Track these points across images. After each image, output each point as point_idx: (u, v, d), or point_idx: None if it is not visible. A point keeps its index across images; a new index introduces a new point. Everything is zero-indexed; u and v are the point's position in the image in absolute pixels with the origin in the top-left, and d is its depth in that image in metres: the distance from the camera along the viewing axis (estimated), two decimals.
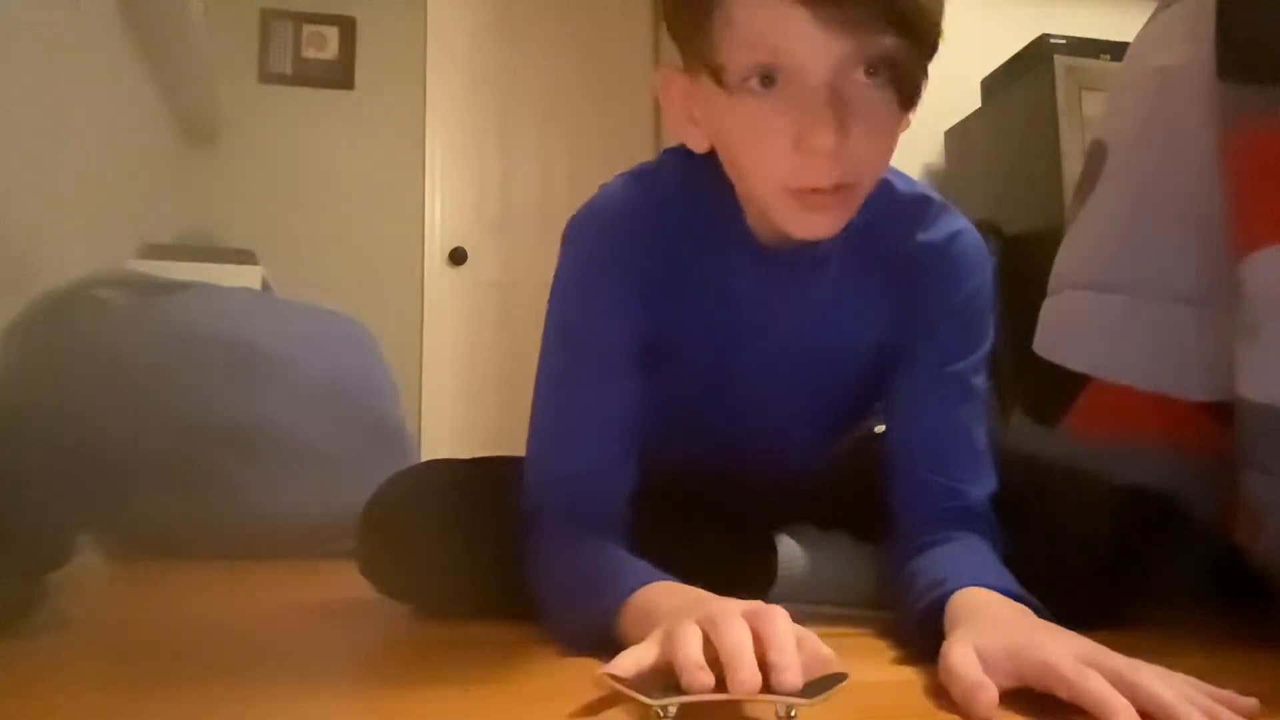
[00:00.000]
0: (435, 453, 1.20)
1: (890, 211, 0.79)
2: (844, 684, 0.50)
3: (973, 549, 0.73)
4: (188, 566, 1.34)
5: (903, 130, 0.69)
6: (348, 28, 3.28)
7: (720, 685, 0.47)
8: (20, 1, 1.53)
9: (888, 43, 0.62)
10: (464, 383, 3.23)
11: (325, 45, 3.26)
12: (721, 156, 0.72)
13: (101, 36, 1.99)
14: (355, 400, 1.64)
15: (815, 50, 0.62)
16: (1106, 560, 0.78)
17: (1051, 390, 1.08)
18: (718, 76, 0.65)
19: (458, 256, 3.30)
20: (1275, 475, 0.75)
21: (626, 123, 3.46)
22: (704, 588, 0.62)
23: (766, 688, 0.47)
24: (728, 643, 0.49)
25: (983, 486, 0.80)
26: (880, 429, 0.89)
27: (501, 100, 3.44)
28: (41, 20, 1.62)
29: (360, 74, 3.27)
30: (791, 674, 0.48)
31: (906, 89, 0.65)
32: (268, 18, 3.23)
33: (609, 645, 0.59)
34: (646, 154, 3.17)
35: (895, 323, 0.81)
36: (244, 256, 2.23)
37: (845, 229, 0.71)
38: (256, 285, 2.09)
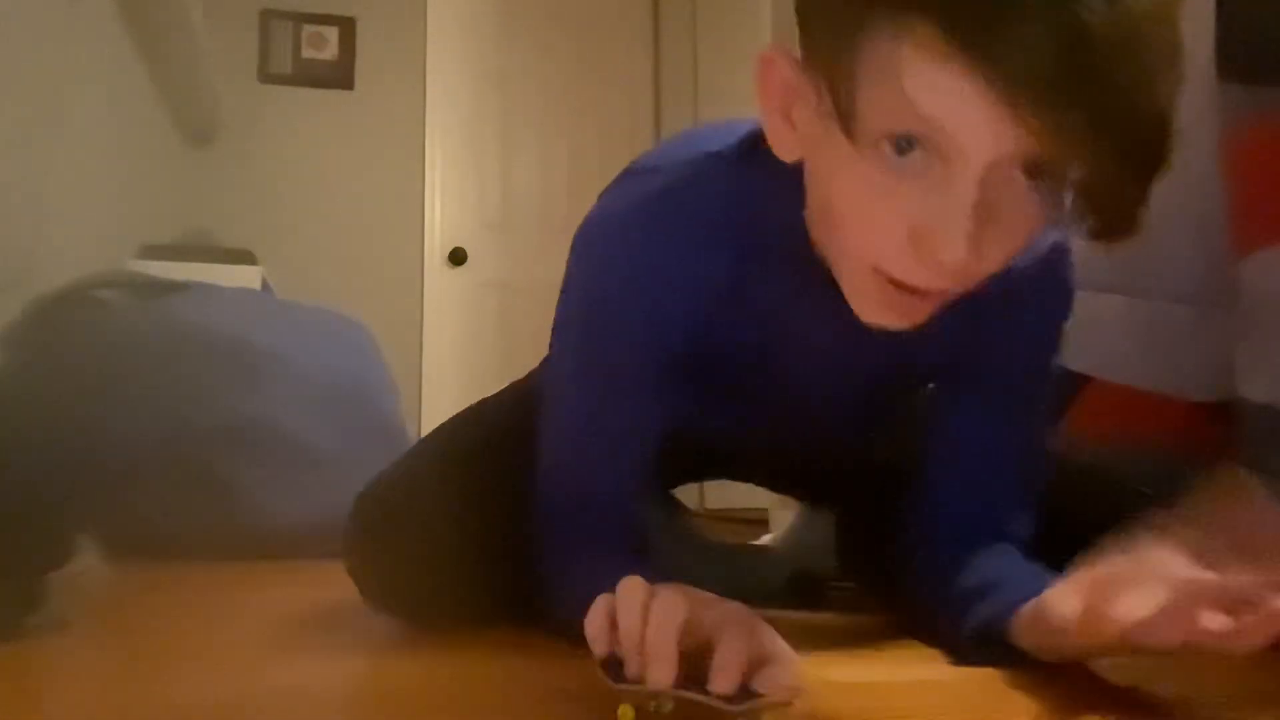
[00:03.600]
0: None
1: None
2: (776, 702, 0.46)
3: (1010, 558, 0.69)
4: (188, 566, 1.34)
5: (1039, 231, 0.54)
6: (348, 28, 3.28)
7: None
8: (20, 2, 1.53)
9: (1080, 145, 0.47)
10: (464, 383, 3.23)
11: (325, 45, 3.26)
12: (811, 194, 0.60)
13: (101, 36, 1.99)
14: (355, 400, 1.64)
15: (984, 138, 0.48)
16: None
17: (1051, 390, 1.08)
18: (846, 121, 0.50)
19: (458, 256, 3.30)
20: (1275, 475, 0.75)
21: (627, 123, 3.46)
22: None
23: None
24: (650, 632, 0.46)
25: (1024, 527, 0.73)
26: None
27: (501, 100, 3.43)
28: (41, 20, 1.62)
29: (360, 74, 3.27)
30: (724, 677, 0.45)
31: (1103, 215, 0.51)
32: (268, 18, 3.23)
33: None
34: None
35: (964, 344, 0.71)
36: (244, 256, 2.23)
37: None
38: (256, 285, 2.09)
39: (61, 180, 1.71)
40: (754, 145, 0.64)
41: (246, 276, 2.09)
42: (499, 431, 0.84)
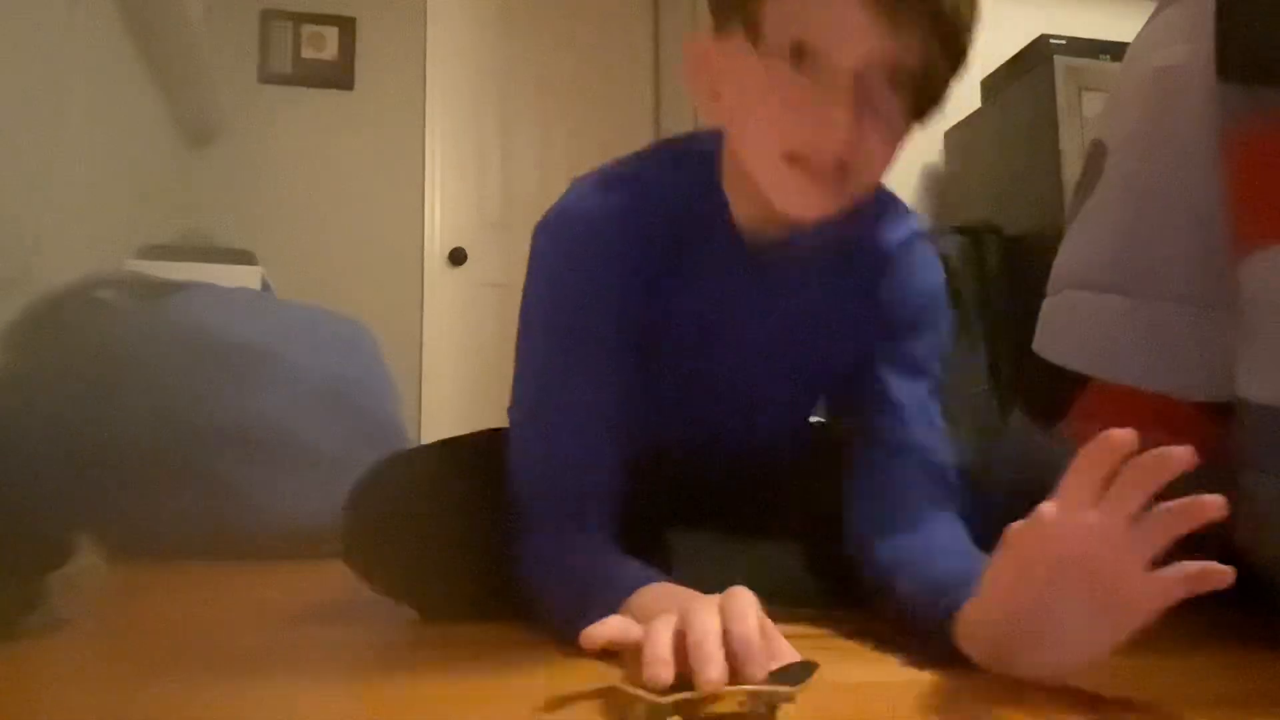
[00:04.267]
0: None
1: (871, 219, 0.83)
2: (818, 672, 0.51)
3: (952, 544, 0.75)
4: (187, 566, 1.34)
5: (902, 144, 0.71)
6: (348, 28, 3.28)
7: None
8: (20, 2, 1.53)
9: (921, 50, 0.65)
10: (464, 383, 3.23)
11: (325, 45, 3.26)
12: (730, 125, 0.74)
13: (101, 37, 1.99)
14: (355, 400, 1.64)
15: (853, 37, 0.64)
16: None
17: (1051, 390, 1.08)
18: (754, 36, 0.68)
19: (458, 256, 3.30)
20: (1275, 475, 0.75)
21: (626, 123, 3.46)
22: None
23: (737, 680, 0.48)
24: (694, 637, 0.49)
25: (947, 455, 0.83)
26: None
27: (501, 100, 3.43)
28: (41, 21, 1.62)
29: (360, 74, 3.27)
30: (754, 665, 0.48)
31: (924, 102, 0.69)
32: (268, 18, 3.23)
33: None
34: None
35: (866, 319, 0.84)
36: (244, 256, 2.23)
37: (825, 236, 0.76)
38: (256, 285, 2.09)
39: (61, 180, 1.71)
40: (677, 151, 0.81)
41: (246, 276, 2.09)
42: (490, 437, 0.91)
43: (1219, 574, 0.49)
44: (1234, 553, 0.82)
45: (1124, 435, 0.52)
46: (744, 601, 0.52)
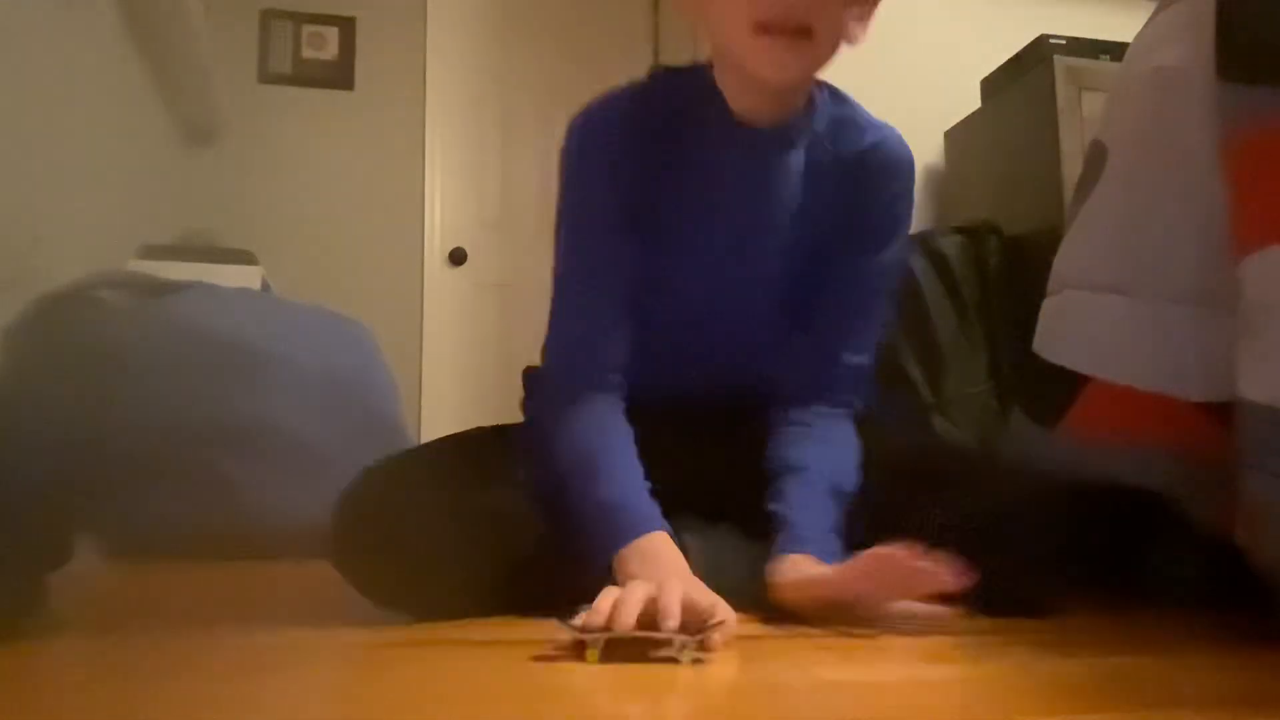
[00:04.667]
0: None
1: (843, 123, 0.97)
2: (715, 626, 0.69)
3: (814, 489, 0.91)
4: (188, 566, 1.34)
5: (856, 36, 0.88)
6: (347, 28, 3.28)
7: (637, 625, 0.67)
8: (20, 2, 1.53)
9: None
10: (464, 383, 3.23)
11: (325, 45, 3.26)
12: (709, 11, 0.88)
13: (101, 36, 1.99)
14: (355, 400, 1.64)
15: None
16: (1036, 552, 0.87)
17: (1051, 390, 1.08)
18: None
19: (458, 256, 3.30)
20: (1275, 475, 0.75)
21: None
22: None
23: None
24: (623, 596, 0.70)
25: (862, 357, 0.99)
26: None
27: (501, 100, 3.43)
28: (41, 20, 1.62)
29: (360, 74, 3.27)
30: (667, 621, 0.67)
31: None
32: (268, 18, 3.22)
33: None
34: None
35: (838, 217, 0.97)
36: (244, 256, 2.22)
37: (807, 133, 0.94)
38: (256, 285, 2.09)
39: (61, 180, 1.71)
40: (677, 67, 0.99)
41: (246, 276, 2.09)
42: (480, 440, 1.04)
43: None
44: (1235, 553, 0.82)
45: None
46: (673, 587, 0.71)
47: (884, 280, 1.01)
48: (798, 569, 0.83)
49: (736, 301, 1.00)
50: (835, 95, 0.98)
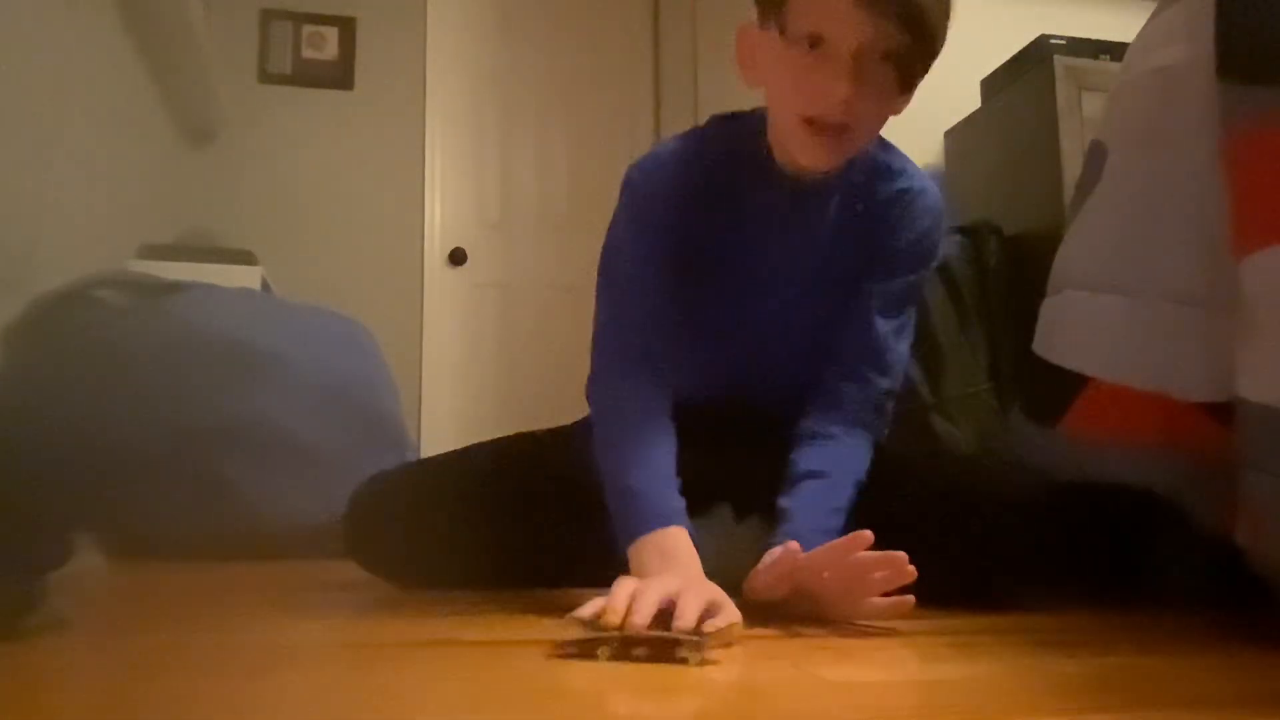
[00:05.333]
0: (435, 453, 1.21)
1: (880, 171, 1.04)
2: (725, 629, 0.70)
3: (825, 489, 0.95)
4: (188, 566, 1.34)
5: (898, 111, 0.94)
6: (348, 28, 3.28)
7: (652, 625, 0.69)
8: (20, 2, 1.53)
9: (900, 38, 0.86)
10: (464, 383, 3.23)
11: (325, 45, 3.26)
12: (768, 92, 0.96)
13: (101, 36, 1.99)
14: (354, 400, 1.64)
15: (849, 29, 0.86)
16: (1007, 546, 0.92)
17: (1051, 390, 1.08)
18: (781, 28, 0.90)
19: (458, 256, 3.30)
20: (1275, 475, 0.75)
21: (626, 123, 3.45)
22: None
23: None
24: (639, 590, 0.73)
25: (886, 380, 1.04)
26: None
27: (501, 100, 3.43)
28: (41, 21, 1.62)
29: (360, 74, 3.27)
30: (681, 622, 0.69)
31: (906, 76, 0.90)
32: (268, 18, 3.22)
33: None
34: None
35: (864, 252, 1.04)
36: (244, 256, 2.22)
37: (844, 181, 1.01)
38: (256, 285, 2.09)
39: (61, 180, 1.71)
40: (731, 116, 1.05)
41: (246, 276, 2.09)
42: (495, 451, 1.11)
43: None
44: (1234, 552, 0.82)
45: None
46: (695, 593, 0.73)
47: (906, 307, 1.06)
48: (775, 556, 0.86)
49: (765, 329, 1.07)
50: (882, 144, 1.04)
